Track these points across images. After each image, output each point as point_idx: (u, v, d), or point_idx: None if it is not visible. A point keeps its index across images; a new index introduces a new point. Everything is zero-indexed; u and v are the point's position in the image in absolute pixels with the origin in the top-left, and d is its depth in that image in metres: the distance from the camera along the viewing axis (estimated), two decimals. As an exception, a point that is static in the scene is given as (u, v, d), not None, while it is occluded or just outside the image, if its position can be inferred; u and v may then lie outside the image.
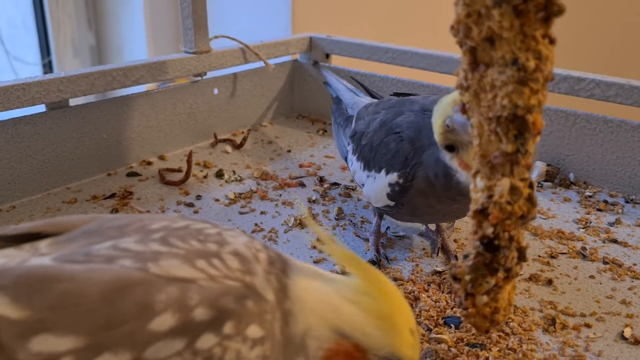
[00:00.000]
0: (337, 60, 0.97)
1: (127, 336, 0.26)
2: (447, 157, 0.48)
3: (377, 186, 0.55)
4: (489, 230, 0.34)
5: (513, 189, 0.34)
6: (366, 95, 0.71)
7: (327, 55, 0.96)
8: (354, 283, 0.32)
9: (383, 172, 0.54)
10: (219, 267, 0.29)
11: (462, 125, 0.44)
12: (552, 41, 0.34)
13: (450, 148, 0.47)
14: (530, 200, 0.35)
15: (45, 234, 0.32)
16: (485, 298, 0.36)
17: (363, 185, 0.58)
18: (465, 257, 0.36)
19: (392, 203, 0.54)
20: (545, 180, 0.75)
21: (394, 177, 0.53)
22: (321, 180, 0.74)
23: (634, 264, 0.57)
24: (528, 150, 0.34)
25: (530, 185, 0.35)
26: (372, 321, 0.31)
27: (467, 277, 0.36)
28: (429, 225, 0.62)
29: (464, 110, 0.37)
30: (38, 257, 0.29)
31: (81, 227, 0.32)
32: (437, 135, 0.47)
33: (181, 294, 0.27)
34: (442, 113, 0.46)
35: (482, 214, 0.35)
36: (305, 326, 0.31)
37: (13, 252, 0.30)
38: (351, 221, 0.65)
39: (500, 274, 0.35)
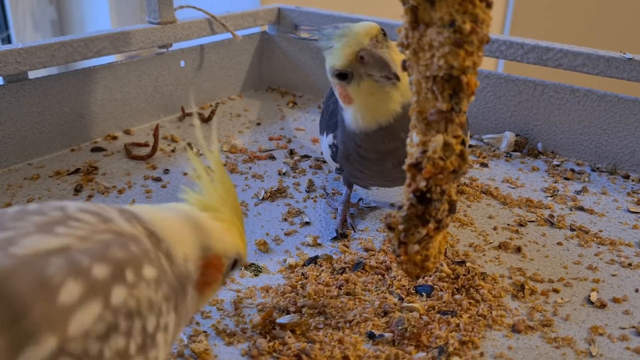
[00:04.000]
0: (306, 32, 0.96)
1: (41, 320, 0.24)
2: (333, 82, 0.49)
3: (324, 148, 0.57)
4: (422, 184, 0.36)
5: (446, 145, 0.36)
6: None
7: (296, 27, 0.94)
8: (196, 200, 0.35)
9: (325, 133, 0.56)
10: (80, 227, 0.28)
11: (380, 58, 0.45)
12: (488, 4, 0.35)
13: (342, 76, 0.47)
14: (462, 157, 0.36)
15: None
16: (416, 247, 0.37)
17: None
18: (400, 208, 0.37)
19: (337, 165, 0.54)
20: (514, 150, 0.75)
21: (330, 138, 0.54)
22: (291, 152, 0.73)
23: (600, 231, 0.58)
24: (462, 109, 0.36)
25: (463, 142, 0.36)
26: (222, 229, 0.34)
27: (401, 227, 0.37)
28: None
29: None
30: None
31: None
32: (339, 60, 0.47)
33: (69, 260, 0.25)
34: (356, 43, 0.46)
35: (416, 167, 0.36)
36: (183, 256, 0.32)
37: None
38: (324, 190, 0.64)
39: (432, 225, 0.37)
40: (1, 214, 0.29)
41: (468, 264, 0.51)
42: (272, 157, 0.72)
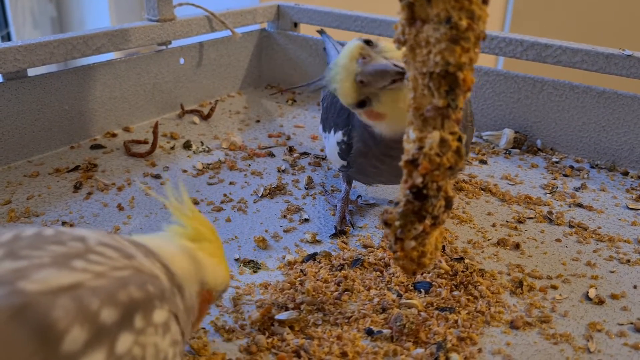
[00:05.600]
0: (305, 29, 0.96)
1: None
2: (358, 113, 0.48)
3: (330, 146, 0.56)
4: (419, 180, 0.36)
5: (442, 142, 0.36)
6: None
7: (295, 24, 0.94)
8: (188, 231, 0.35)
9: (332, 131, 0.56)
10: (99, 261, 0.27)
11: (375, 71, 0.44)
12: (485, 1, 0.35)
13: (361, 104, 0.47)
14: (458, 153, 0.36)
15: None
16: (413, 243, 0.37)
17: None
18: (396, 204, 0.37)
19: (344, 162, 0.54)
20: (513, 147, 0.75)
21: (339, 135, 0.54)
22: (290, 149, 0.73)
23: (599, 227, 0.58)
24: (458, 105, 0.36)
25: (459, 139, 0.36)
26: (213, 263, 0.34)
27: (397, 223, 0.37)
28: None
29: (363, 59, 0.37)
30: None
31: None
32: (349, 97, 0.47)
33: (78, 302, 0.24)
34: (348, 73, 0.46)
35: (412, 164, 0.36)
36: (190, 291, 0.32)
37: None
38: (323, 187, 0.64)
39: (428, 221, 0.37)
40: (17, 237, 0.27)
41: (467, 261, 0.51)
42: (271, 155, 0.72)
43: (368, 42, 0.47)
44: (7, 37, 1.50)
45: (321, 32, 0.79)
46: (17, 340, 0.22)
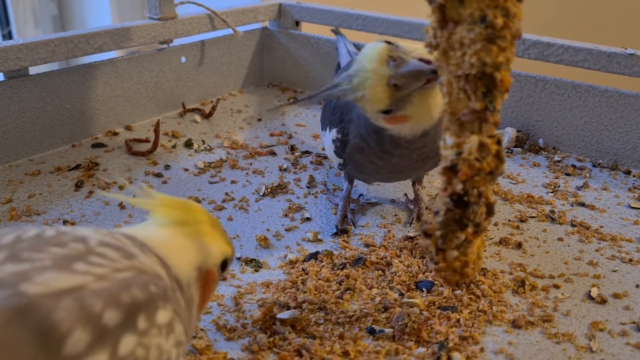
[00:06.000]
0: (307, 28, 0.95)
1: None
2: (377, 118, 0.47)
3: (327, 144, 0.56)
4: (459, 187, 0.35)
5: (481, 146, 0.35)
6: None
7: (297, 23, 0.94)
8: (168, 218, 0.34)
9: (328, 129, 0.55)
10: (101, 263, 0.27)
11: (410, 72, 0.42)
12: None
13: (388, 111, 0.45)
14: (498, 157, 0.35)
15: None
16: (455, 252, 0.36)
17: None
18: (436, 213, 0.36)
19: (341, 160, 0.54)
20: (515, 146, 0.75)
21: (334, 133, 0.54)
22: (292, 148, 0.73)
23: (601, 226, 0.58)
24: (496, 108, 0.34)
25: (498, 142, 0.35)
26: (206, 242, 0.33)
27: (438, 233, 0.36)
28: (408, 195, 0.62)
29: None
30: None
31: None
32: (380, 103, 0.44)
33: (80, 304, 0.24)
34: (379, 78, 0.43)
35: (451, 170, 0.35)
36: (187, 281, 0.31)
37: None
38: (325, 186, 0.64)
39: (470, 229, 0.36)
40: (18, 239, 0.27)
41: (468, 260, 0.51)
42: (273, 153, 0.72)
43: (389, 43, 0.45)
44: (9, 36, 1.50)
45: (336, 31, 0.78)
46: (19, 342, 0.22)
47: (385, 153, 0.50)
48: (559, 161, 0.72)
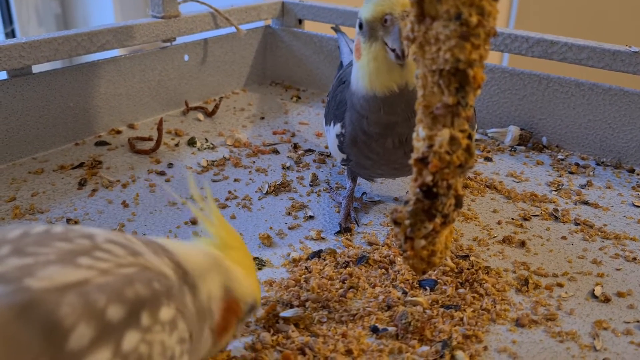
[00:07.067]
0: (310, 26, 0.95)
1: None
2: (357, 33, 0.49)
3: (331, 139, 0.56)
4: (429, 178, 0.36)
5: (452, 140, 0.35)
6: None
7: (300, 21, 0.94)
8: (215, 241, 0.34)
9: (332, 123, 0.55)
10: (105, 258, 0.27)
11: (397, 35, 0.45)
12: None
13: (361, 27, 0.48)
14: (469, 151, 0.36)
15: None
16: (423, 242, 0.37)
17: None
18: (406, 203, 0.37)
19: (344, 156, 0.54)
20: (519, 144, 0.75)
21: (337, 127, 0.54)
22: (295, 146, 0.73)
23: (604, 225, 0.58)
24: (468, 103, 0.35)
25: (469, 137, 0.36)
26: (241, 273, 0.34)
27: (407, 222, 0.37)
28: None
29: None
30: None
31: None
32: (367, 13, 0.48)
33: (84, 299, 0.24)
34: (390, 5, 0.46)
35: (422, 162, 0.36)
36: (207, 292, 0.31)
37: None
38: (328, 184, 0.64)
39: (438, 220, 0.37)
40: (25, 234, 0.27)
41: (472, 258, 0.51)
42: (276, 151, 0.72)
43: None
44: (12, 34, 1.51)
45: (336, 29, 0.78)
46: (23, 337, 0.22)
47: (366, 135, 0.51)
48: (562, 159, 0.72)
